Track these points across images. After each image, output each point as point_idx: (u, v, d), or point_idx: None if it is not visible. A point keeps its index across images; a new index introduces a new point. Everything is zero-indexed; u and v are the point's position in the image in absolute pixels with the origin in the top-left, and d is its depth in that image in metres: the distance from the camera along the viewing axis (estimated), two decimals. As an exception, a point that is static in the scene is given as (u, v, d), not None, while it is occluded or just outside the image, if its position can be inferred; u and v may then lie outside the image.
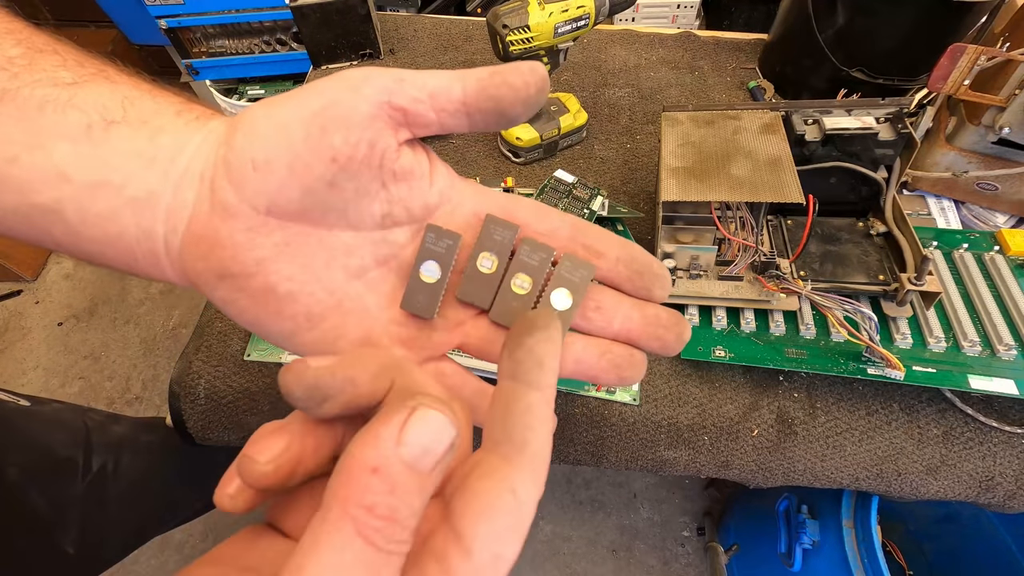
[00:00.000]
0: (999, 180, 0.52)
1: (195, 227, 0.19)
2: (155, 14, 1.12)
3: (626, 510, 1.05)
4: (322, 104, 0.19)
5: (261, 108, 0.19)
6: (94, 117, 0.19)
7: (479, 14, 1.10)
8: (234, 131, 0.19)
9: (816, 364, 0.42)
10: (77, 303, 1.37)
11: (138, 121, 0.19)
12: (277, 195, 0.19)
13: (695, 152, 0.46)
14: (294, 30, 1.20)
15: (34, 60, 0.19)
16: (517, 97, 0.20)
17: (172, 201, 0.19)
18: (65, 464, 0.51)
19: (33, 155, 0.18)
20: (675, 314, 0.22)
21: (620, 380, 0.22)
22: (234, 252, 0.19)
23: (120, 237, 0.19)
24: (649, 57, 0.74)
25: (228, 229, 0.19)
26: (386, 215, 0.21)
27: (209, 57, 1.22)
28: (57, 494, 0.49)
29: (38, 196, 0.18)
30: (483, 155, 0.63)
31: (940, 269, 0.47)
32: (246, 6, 1.14)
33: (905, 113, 0.44)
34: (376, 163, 0.20)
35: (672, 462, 0.45)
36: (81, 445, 0.53)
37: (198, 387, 0.47)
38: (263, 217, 0.19)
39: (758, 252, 0.43)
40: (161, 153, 0.19)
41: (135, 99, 0.20)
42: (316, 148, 0.19)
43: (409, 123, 0.20)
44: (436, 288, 0.21)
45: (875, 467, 0.43)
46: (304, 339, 0.21)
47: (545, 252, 0.21)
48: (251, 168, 0.19)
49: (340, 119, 0.19)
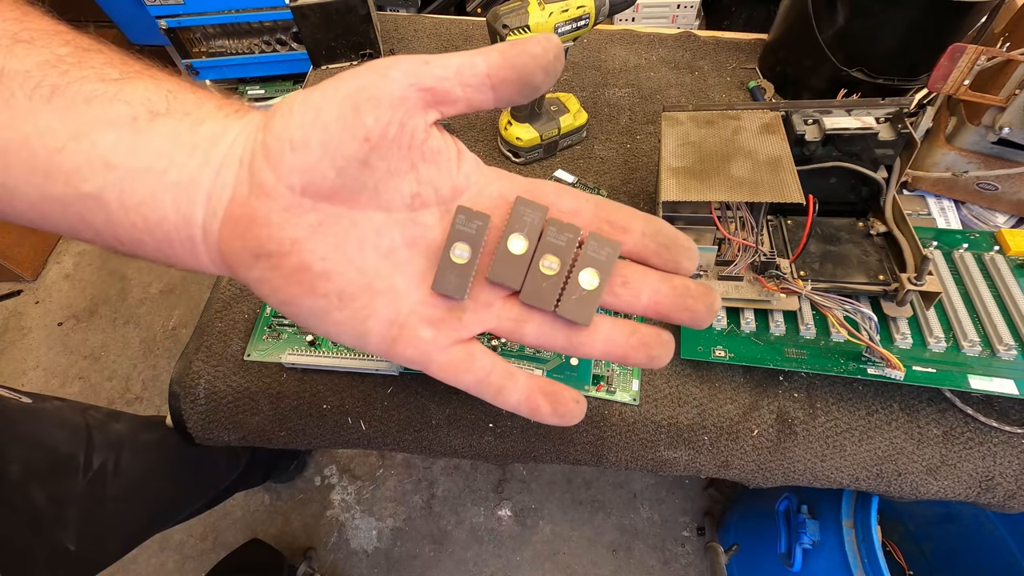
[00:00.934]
0: (999, 180, 0.52)
1: (234, 208, 0.20)
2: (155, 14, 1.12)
3: (626, 510, 1.05)
4: (355, 87, 0.20)
5: (298, 95, 0.20)
6: (140, 110, 0.19)
7: (479, 14, 1.10)
8: (272, 116, 0.20)
9: (816, 364, 0.42)
10: (77, 303, 1.37)
11: (181, 113, 0.20)
12: (312, 173, 0.20)
13: (695, 152, 0.46)
14: (294, 30, 1.20)
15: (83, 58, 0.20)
16: (538, 64, 0.20)
17: (213, 185, 0.20)
18: (66, 462, 0.51)
19: (80, 144, 0.19)
20: (703, 285, 0.22)
21: (649, 359, 0.23)
22: (270, 231, 0.20)
23: (159, 224, 0.20)
24: (649, 57, 0.74)
25: (265, 209, 0.20)
26: (415, 195, 0.22)
27: (209, 57, 1.22)
28: (58, 491, 0.49)
29: (84, 185, 0.19)
30: (483, 155, 0.63)
31: (940, 269, 0.47)
32: (246, 6, 1.14)
33: (905, 113, 0.44)
34: (406, 143, 0.20)
35: (672, 462, 0.45)
36: (82, 443, 0.53)
37: (198, 387, 0.47)
38: (299, 197, 0.20)
39: (758, 252, 0.43)
40: (202, 141, 0.20)
41: (178, 93, 0.20)
42: (349, 127, 0.19)
43: (438, 102, 0.21)
44: (466, 269, 0.21)
45: (875, 467, 0.43)
46: (335, 317, 0.21)
47: (572, 232, 0.21)
48: (288, 148, 0.19)
49: (371, 100, 0.19)
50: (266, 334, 0.48)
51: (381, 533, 1.04)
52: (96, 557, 0.52)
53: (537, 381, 0.23)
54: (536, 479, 1.08)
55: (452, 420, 0.46)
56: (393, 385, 0.46)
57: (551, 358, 0.43)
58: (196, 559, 1.03)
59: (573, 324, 0.22)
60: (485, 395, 0.23)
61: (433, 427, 0.46)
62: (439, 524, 1.04)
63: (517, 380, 0.23)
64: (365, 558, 1.02)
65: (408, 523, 1.05)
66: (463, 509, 1.05)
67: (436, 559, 1.01)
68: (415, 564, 1.01)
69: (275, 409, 0.46)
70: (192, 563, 1.03)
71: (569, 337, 0.23)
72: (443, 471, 1.10)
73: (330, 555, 1.02)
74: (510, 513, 1.05)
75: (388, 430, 0.46)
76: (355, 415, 0.46)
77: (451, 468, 1.10)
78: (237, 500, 1.08)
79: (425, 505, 1.06)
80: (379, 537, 1.04)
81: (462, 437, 0.46)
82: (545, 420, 0.23)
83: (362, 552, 1.03)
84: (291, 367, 0.47)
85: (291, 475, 1.08)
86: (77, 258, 1.45)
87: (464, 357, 0.23)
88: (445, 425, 0.46)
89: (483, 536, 1.03)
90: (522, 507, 1.05)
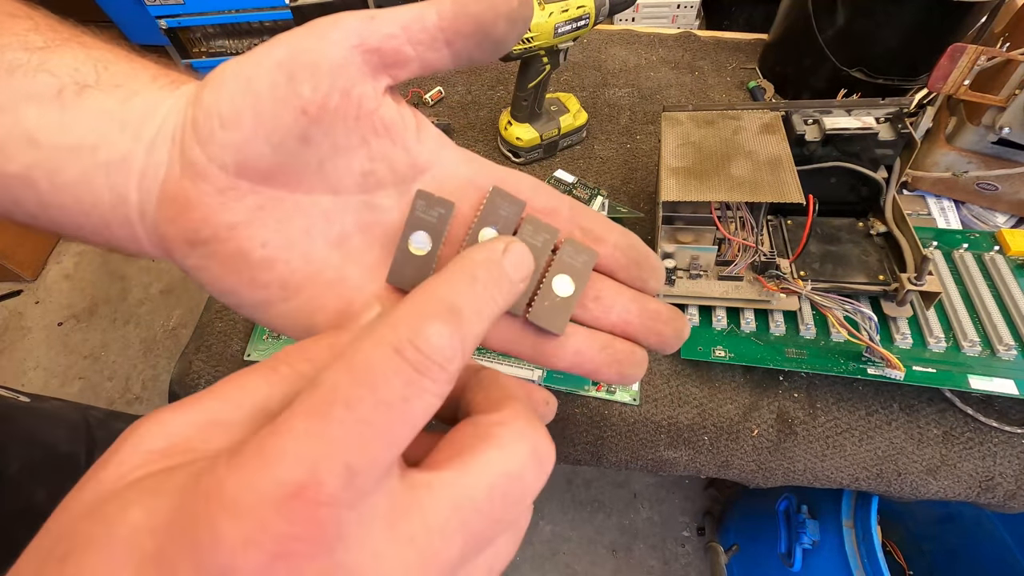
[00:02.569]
0: (999, 180, 0.52)
1: (167, 189, 0.18)
2: (155, 14, 1.12)
3: (626, 510, 1.05)
4: (289, 51, 0.18)
5: (229, 64, 0.18)
6: (66, 81, 0.18)
7: (479, 14, 1.10)
8: (203, 88, 0.18)
9: (816, 364, 0.42)
10: (77, 303, 1.37)
11: (111, 85, 0.18)
12: (245, 151, 0.18)
13: (695, 152, 0.46)
14: (294, 30, 1.20)
15: (4, 24, 0.18)
16: (498, 12, 0.18)
17: (145, 164, 0.18)
18: (67, 460, 0.51)
19: (2, 120, 0.17)
20: (674, 310, 0.21)
21: (621, 377, 0.21)
22: (204, 215, 0.18)
23: (94, 205, 0.18)
24: (649, 57, 0.74)
25: (198, 191, 0.18)
26: (367, 173, 0.20)
27: (209, 57, 1.22)
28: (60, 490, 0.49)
29: (8, 164, 0.17)
30: (483, 155, 0.63)
31: (940, 269, 0.47)
32: (246, 6, 1.14)
33: (905, 113, 0.44)
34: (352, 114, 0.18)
35: (672, 462, 0.45)
36: (83, 441, 0.53)
37: (198, 387, 0.46)
38: (233, 179, 0.18)
39: (758, 252, 0.43)
40: (133, 116, 0.18)
41: (109, 63, 0.19)
42: (283, 99, 0.17)
43: (387, 65, 0.18)
44: (426, 261, 0.19)
45: (875, 467, 0.43)
46: (279, 310, 0.20)
47: (549, 233, 0.20)
48: (218, 124, 0.17)
49: (308, 66, 0.17)
50: (266, 334, 0.48)
51: (381, 533, 1.04)
52: None
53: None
54: (536, 479, 1.08)
55: (452, 420, 0.46)
56: (393, 385, 0.46)
57: (551, 358, 0.43)
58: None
59: (543, 332, 0.20)
60: None
61: (433, 427, 0.46)
62: (439, 524, 1.04)
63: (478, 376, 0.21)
64: (365, 558, 1.02)
65: (408, 523, 1.05)
66: (463, 509, 1.06)
67: (436, 559, 1.01)
68: (415, 564, 1.01)
69: (275, 409, 0.46)
70: (192, 563, 1.03)
71: (536, 345, 0.21)
72: (443, 471, 1.10)
73: (330, 555, 1.03)
74: (510, 513, 1.05)
75: (388, 430, 0.46)
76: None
77: (451, 468, 1.10)
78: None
79: (425, 505, 1.06)
80: (379, 537, 1.04)
81: (462, 437, 0.46)
82: None
83: (362, 552, 1.03)
84: (291, 367, 0.47)
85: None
86: (77, 258, 1.45)
87: None
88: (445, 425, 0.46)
89: (483, 536, 1.03)
90: (522, 507, 1.05)
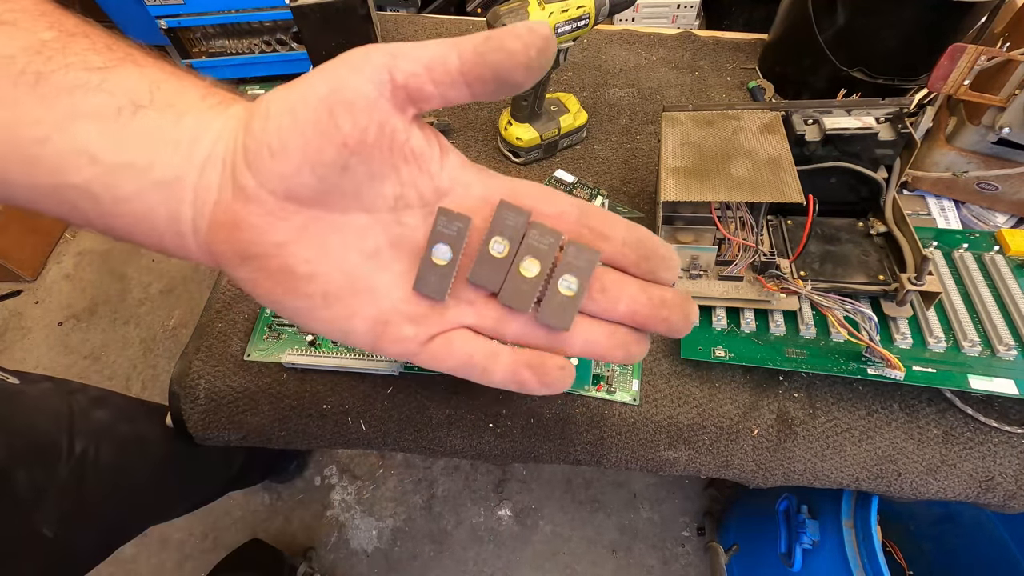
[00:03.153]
0: (999, 180, 0.52)
1: (219, 211, 0.20)
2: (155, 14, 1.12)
3: (626, 510, 1.05)
4: (329, 88, 0.19)
5: (276, 93, 0.20)
6: (123, 101, 0.19)
7: (479, 14, 1.10)
8: (252, 116, 0.20)
9: (816, 364, 0.42)
10: (77, 303, 1.37)
11: (164, 104, 0.20)
12: (293, 179, 0.20)
13: (695, 152, 0.46)
14: (294, 30, 1.20)
15: (67, 44, 0.19)
16: (516, 62, 0.19)
17: (197, 184, 0.20)
18: (49, 447, 0.51)
19: (63, 136, 0.19)
20: (681, 295, 0.23)
21: (627, 356, 0.23)
22: (254, 235, 0.20)
23: (148, 218, 0.20)
24: (649, 57, 0.74)
25: (248, 213, 0.20)
26: (399, 197, 0.22)
27: (209, 57, 1.22)
28: (40, 476, 0.49)
29: (70, 177, 0.19)
30: (483, 155, 0.63)
31: (940, 269, 0.47)
32: (246, 6, 1.14)
33: (905, 113, 0.44)
34: (387, 145, 0.20)
35: (672, 462, 0.45)
36: (64, 428, 0.53)
37: (198, 387, 0.47)
38: (281, 202, 0.20)
39: (758, 252, 0.43)
40: (185, 135, 0.20)
41: (161, 82, 0.20)
42: (327, 133, 0.19)
43: (412, 100, 0.20)
44: (447, 270, 0.22)
45: (875, 467, 0.43)
46: (320, 316, 0.22)
47: (553, 237, 0.22)
48: (268, 154, 0.19)
49: (346, 103, 0.19)
50: (266, 334, 0.48)
51: (381, 533, 1.04)
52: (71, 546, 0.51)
53: (522, 355, 0.23)
54: (536, 479, 1.08)
55: (452, 420, 0.46)
56: (393, 385, 0.46)
57: (551, 358, 0.43)
58: (196, 559, 1.03)
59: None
60: (472, 376, 0.23)
61: (433, 427, 0.46)
62: (439, 524, 1.04)
63: (500, 358, 0.23)
64: (365, 558, 1.02)
65: (408, 523, 1.04)
66: (463, 509, 1.05)
67: (436, 559, 1.01)
68: (415, 564, 1.01)
69: (275, 409, 0.46)
70: (192, 563, 1.03)
71: (549, 338, 0.23)
72: (443, 471, 1.09)
73: (330, 555, 1.02)
74: (510, 513, 1.05)
75: (388, 430, 0.46)
76: (355, 415, 0.46)
77: (451, 468, 1.10)
78: (237, 500, 1.08)
79: (425, 505, 1.06)
80: (379, 537, 1.04)
81: (462, 437, 0.46)
82: (533, 390, 0.23)
83: (362, 552, 1.03)
84: (291, 367, 0.47)
85: (291, 475, 1.08)
86: (77, 258, 1.45)
87: (444, 345, 0.23)
88: (445, 425, 0.46)
89: (483, 536, 1.03)
90: (522, 507, 1.05)
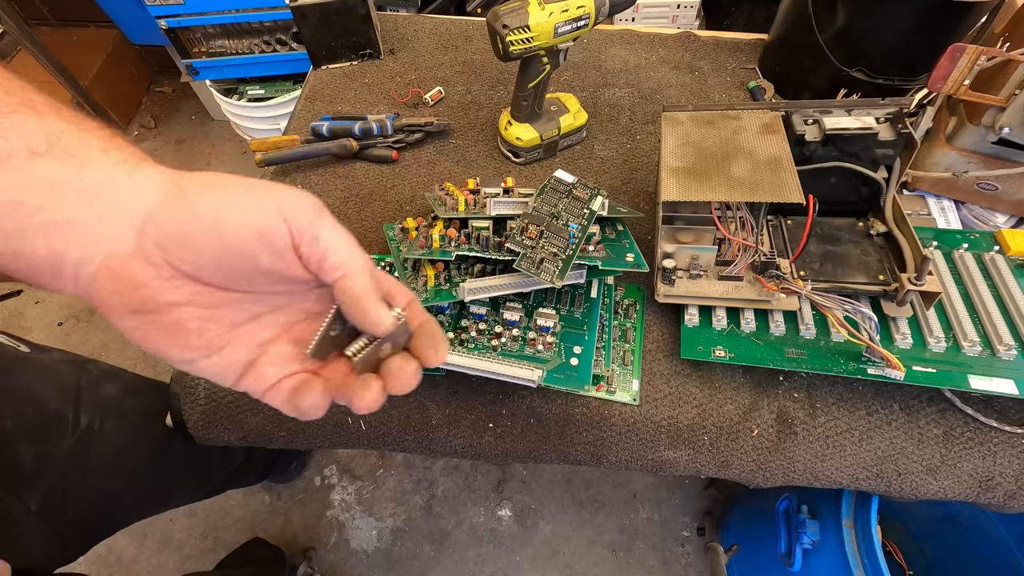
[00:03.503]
0: (999, 180, 0.52)
1: (114, 264, 0.21)
2: (155, 14, 1.12)
3: (626, 510, 1.05)
4: (259, 228, 0.21)
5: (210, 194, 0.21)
6: (18, 146, 0.20)
7: (479, 14, 1.10)
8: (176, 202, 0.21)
9: (816, 364, 0.42)
10: (77, 303, 1.37)
11: (64, 155, 0.20)
12: (201, 274, 0.22)
13: (695, 152, 0.46)
14: (294, 30, 1.20)
15: None
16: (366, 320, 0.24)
17: (95, 233, 0.20)
18: (56, 418, 0.51)
19: None
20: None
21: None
22: (151, 294, 0.21)
23: (28, 255, 0.20)
24: (649, 57, 0.73)
25: (147, 275, 0.21)
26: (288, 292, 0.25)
27: (209, 57, 1.22)
28: (45, 448, 0.49)
29: None
30: (483, 155, 0.63)
31: (940, 269, 0.47)
32: (246, 6, 1.14)
33: (905, 113, 0.44)
34: (288, 275, 0.23)
35: (672, 462, 0.45)
36: (71, 401, 0.53)
37: (198, 387, 0.47)
38: (183, 277, 0.21)
39: (758, 252, 0.43)
40: (86, 186, 0.20)
41: (61, 133, 0.21)
42: (246, 263, 0.22)
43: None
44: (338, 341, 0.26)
45: (875, 467, 0.43)
46: (202, 364, 0.24)
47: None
48: (187, 251, 0.21)
49: (271, 248, 0.22)
50: (266, 334, 0.48)
51: (381, 533, 1.04)
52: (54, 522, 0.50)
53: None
54: (536, 479, 1.08)
55: (452, 420, 0.46)
56: (393, 385, 0.46)
57: (551, 358, 0.43)
58: (196, 559, 1.03)
59: None
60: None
61: (433, 427, 0.46)
62: (439, 524, 1.04)
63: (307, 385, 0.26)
64: (365, 558, 1.02)
65: (408, 523, 1.04)
66: (463, 509, 1.05)
67: (436, 559, 1.01)
68: (415, 564, 1.01)
69: (275, 409, 0.46)
70: (192, 563, 1.03)
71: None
72: (443, 471, 1.09)
73: (330, 555, 1.02)
74: (510, 513, 1.05)
75: (388, 430, 0.46)
76: (355, 415, 0.46)
77: (451, 468, 1.10)
78: (237, 500, 1.07)
79: (425, 505, 1.06)
80: (379, 537, 1.04)
81: (462, 437, 0.46)
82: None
83: (362, 552, 1.02)
84: (291, 367, 0.47)
85: (291, 475, 1.08)
86: (77, 258, 1.45)
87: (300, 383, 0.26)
88: (445, 425, 0.46)
89: (483, 536, 1.03)
90: (522, 507, 1.05)
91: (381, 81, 0.71)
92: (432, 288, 0.43)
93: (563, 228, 0.42)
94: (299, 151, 0.61)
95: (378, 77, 0.71)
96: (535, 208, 0.43)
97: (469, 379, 0.46)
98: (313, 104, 0.69)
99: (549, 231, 0.42)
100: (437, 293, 0.43)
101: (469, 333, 0.44)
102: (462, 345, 0.43)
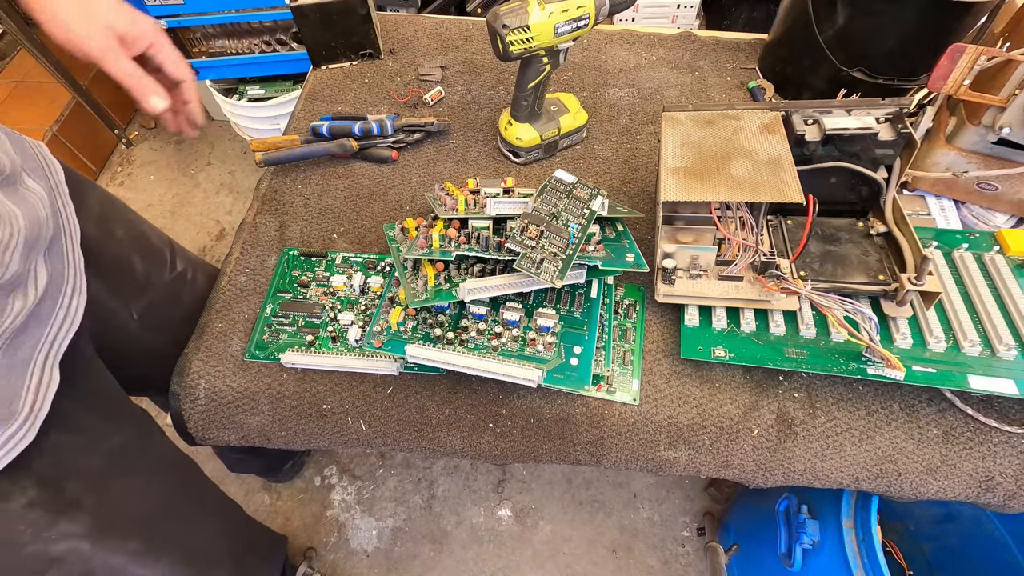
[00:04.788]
0: (999, 180, 0.52)
1: None
2: (155, 14, 1.12)
3: (626, 510, 1.05)
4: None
5: None
6: None
7: (479, 14, 1.10)
8: None
9: (816, 364, 0.42)
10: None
11: None
12: None
13: (695, 152, 0.46)
14: (294, 30, 1.20)
15: None
16: None
17: None
18: (157, 252, 0.56)
19: None
20: None
21: None
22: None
23: None
24: (649, 57, 0.74)
25: None
26: None
27: (209, 57, 1.22)
28: (151, 268, 0.54)
29: None
30: (483, 155, 0.63)
31: (940, 269, 0.47)
32: (246, 6, 1.14)
33: (905, 113, 0.44)
34: None
35: (672, 462, 0.45)
36: (168, 246, 0.58)
37: (198, 387, 0.47)
38: None
39: (758, 252, 0.43)
40: None
41: None
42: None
43: None
44: None
45: (875, 467, 0.43)
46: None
47: None
48: None
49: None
50: (266, 334, 0.48)
51: (381, 533, 1.04)
52: (151, 335, 0.53)
53: None
54: (536, 479, 1.08)
55: (452, 420, 0.46)
56: (393, 385, 0.46)
57: (551, 358, 0.43)
58: (196, 559, 1.03)
59: None
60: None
61: (433, 427, 0.46)
62: (439, 524, 1.04)
63: None
64: (365, 558, 1.02)
65: (408, 523, 1.04)
66: (463, 509, 1.05)
67: (436, 559, 1.01)
68: (415, 564, 1.01)
69: (275, 409, 0.46)
70: (192, 563, 1.03)
71: None
72: (443, 471, 1.09)
73: (330, 555, 1.02)
74: (510, 513, 1.05)
75: (388, 430, 0.46)
76: (355, 415, 0.46)
77: (451, 468, 1.10)
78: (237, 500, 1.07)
79: (425, 505, 1.06)
80: (379, 537, 1.04)
81: (462, 437, 0.46)
82: None
83: (362, 552, 1.02)
84: (291, 367, 0.47)
85: (288, 475, 1.08)
86: (77, 258, 1.44)
87: None
88: (445, 425, 0.46)
89: (483, 536, 1.03)
90: (522, 507, 1.05)
91: (381, 81, 0.71)
92: (432, 288, 0.43)
93: (563, 228, 0.42)
94: (299, 151, 0.61)
95: (378, 77, 0.71)
96: (535, 208, 0.43)
97: (469, 379, 0.46)
98: (313, 104, 0.69)
99: (549, 231, 0.42)
100: (437, 293, 0.43)
101: (469, 333, 0.44)
102: (462, 345, 0.43)
